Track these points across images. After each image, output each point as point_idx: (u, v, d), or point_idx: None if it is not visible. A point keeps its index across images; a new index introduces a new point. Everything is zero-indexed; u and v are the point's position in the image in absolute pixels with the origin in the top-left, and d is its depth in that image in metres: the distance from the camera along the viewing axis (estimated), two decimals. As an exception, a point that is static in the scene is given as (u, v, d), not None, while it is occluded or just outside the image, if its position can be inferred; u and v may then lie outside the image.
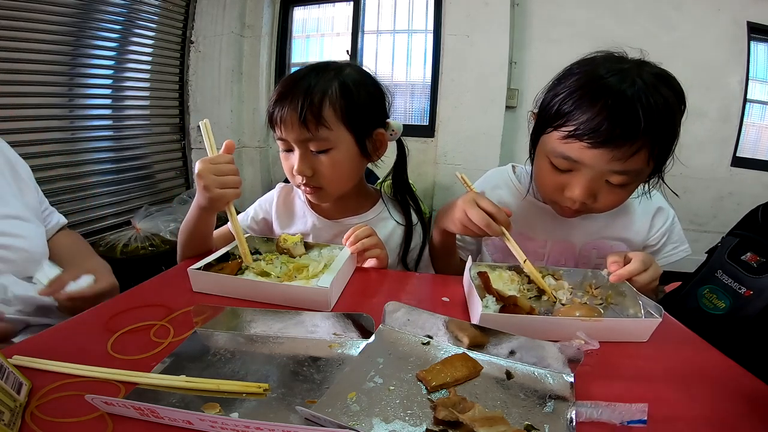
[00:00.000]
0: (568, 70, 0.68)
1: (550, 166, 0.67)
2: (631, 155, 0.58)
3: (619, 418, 0.36)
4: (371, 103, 0.75)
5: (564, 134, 0.61)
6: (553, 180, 0.67)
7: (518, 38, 2.23)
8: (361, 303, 0.60)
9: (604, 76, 0.60)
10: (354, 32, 2.57)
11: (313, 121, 0.68)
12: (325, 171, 0.72)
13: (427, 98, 2.49)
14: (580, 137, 0.59)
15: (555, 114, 0.64)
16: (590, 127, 0.58)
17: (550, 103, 0.66)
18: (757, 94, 2.12)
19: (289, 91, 0.70)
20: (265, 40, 2.58)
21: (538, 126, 0.70)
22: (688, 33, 2.06)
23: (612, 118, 0.57)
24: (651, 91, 0.57)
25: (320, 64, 0.74)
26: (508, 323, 0.49)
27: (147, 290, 0.62)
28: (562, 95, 0.64)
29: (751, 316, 0.76)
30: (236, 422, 0.32)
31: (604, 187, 0.64)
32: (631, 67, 0.61)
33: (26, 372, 0.39)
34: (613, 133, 0.57)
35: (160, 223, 2.02)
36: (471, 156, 2.31)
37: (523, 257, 0.64)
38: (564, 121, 0.62)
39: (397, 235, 0.84)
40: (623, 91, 0.57)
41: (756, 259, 0.81)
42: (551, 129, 0.65)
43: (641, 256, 0.61)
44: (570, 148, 0.62)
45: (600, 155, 0.59)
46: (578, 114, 0.60)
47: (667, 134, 0.60)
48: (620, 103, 0.57)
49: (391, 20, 2.55)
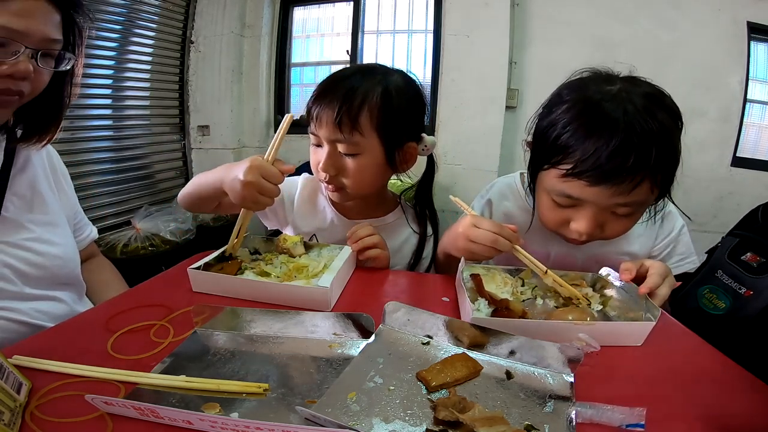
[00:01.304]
0: (558, 96, 0.65)
1: (552, 202, 0.65)
2: (634, 188, 0.57)
3: (618, 420, 0.36)
4: (409, 115, 0.75)
5: (563, 172, 0.59)
6: (557, 216, 0.65)
7: (518, 38, 2.23)
8: (361, 303, 0.60)
9: (596, 102, 0.58)
10: (354, 32, 2.57)
11: (348, 125, 0.69)
12: (349, 173, 0.73)
13: (427, 98, 2.49)
14: (579, 176, 0.57)
15: (551, 149, 0.62)
16: (588, 165, 0.56)
17: (544, 134, 0.64)
18: (757, 94, 2.12)
19: (331, 89, 0.71)
20: (265, 40, 2.58)
21: (535, 160, 0.67)
22: (688, 33, 2.06)
23: (610, 153, 0.55)
24: (646, 118, 0.55)
25: (368, 66, 0.75)
26: (500, 327, 0.49)
27: (147, 290, 0.62)
28: (556, 128, 0.61)
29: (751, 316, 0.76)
30: (236, 422, 0.32)
31: (609, 218, 0.62)
32: (622, 89, 0.59)
33: (26, 372, 0.39)
34: (613, 170, 0.55)
35: (160, 223, 2.02)
36: (471, 156, 2.30)
37: (543, 269, 0.61)
38: (561, 158, 0.60)
39: (411, 242, 0.85)
40: (617, 121, 0.55)
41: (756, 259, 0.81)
42: (549, 166, 0.62)
43: (658, 268, 0.59)
44: (570, 187, 0.60)
45: (602, 192, 0.58)
46: (575, 150, 0.58)
47: (668, 159, 0.58)
48: (617, 138, 0.55)
49: (391, 20, 2.55)
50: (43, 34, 0.54)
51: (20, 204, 0.64)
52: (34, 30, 0.53)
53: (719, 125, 2.10)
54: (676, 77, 2.09)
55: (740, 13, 2.01)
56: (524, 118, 2.50)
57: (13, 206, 0.63)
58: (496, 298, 0.58)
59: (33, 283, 0.62)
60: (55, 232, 0.68)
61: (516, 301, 0.59)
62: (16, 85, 0.54)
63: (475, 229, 0.63)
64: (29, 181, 0.66)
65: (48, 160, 0.72)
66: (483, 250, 0.63)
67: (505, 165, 2.27)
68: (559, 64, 2.18)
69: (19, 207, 0.63)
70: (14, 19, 0.51)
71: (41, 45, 0.54)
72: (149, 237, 1.96)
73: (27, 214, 0.64)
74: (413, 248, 0.84)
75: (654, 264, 0.59)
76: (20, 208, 0.64)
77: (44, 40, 0.55)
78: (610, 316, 0.58)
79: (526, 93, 2.28)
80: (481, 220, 0.64)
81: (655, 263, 0.59)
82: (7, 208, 0.61)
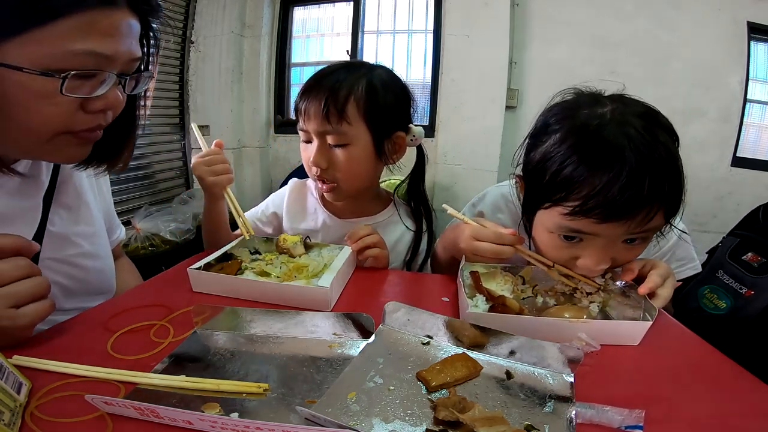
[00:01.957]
0: (546, 125, 0.60)
1: (556, 239, 0.59)
2: (649, 220, 0.53)
3: (617, 422, 0.36)
4: (395, 105, 0.76)
5: (568, 210, 0.54)
6: (562, 254, 0.60)
7: (518, 38, 2.23)
8: (361, 303, 0.60)
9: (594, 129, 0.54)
10: (354, 32, 2.57)
11: (335, 115, 0.70)
12: (340, 165, 0.74)
13: (427, 98, 2.48)
14: (588, 213, 0.52)
15: (550, 186, 0.56)
16: (599, 201, 0.51)
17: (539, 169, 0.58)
18: (757, 94, 2.12)
19: (316, 83, 0.72)
20: (265, 40, 2.58)
21: (531, 197, 0.62)
22: (688, 33, 2.06)
23: (622, 187, 0.50)
24: (651, 142, 0.51)
25: (352, 62, 0.77)
26: (495, 323, 0.49)
27: (147, 290, 0.62)
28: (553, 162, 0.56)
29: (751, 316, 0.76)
30: (236, 422, 0.32)
31: (620, 249, 0.57)
32: (615, 111, 0.55)
33: (26, 372, 0.39)
34: (626, 203, 0.51)
35: (160, 223, 2.02)
36: (471, 156, 2.30)
37: (549, 263, 0.60)
38: (565, 195, 0.55)
39: (405, 239, 0.85)
40: (623, 149, 0.51)
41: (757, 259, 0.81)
42: (550, 204, 0.57)
43: (659, 268, 0.57)
44: (578, 224, 0.55)
45: (614, 227, 0.53)
46: (580, 186, 0.53)
47: (678, 183, 0.54)
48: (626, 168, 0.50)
49: (391, 20, 2.55)
50: (129, 55, 0.46)
51: (67, 216, 0.61)
52: (121, 52, 0.45)
53: (719, 125, 2.10)
54: (676, 77, 2.10)
55: (740, 13, 2.01)
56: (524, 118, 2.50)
57: (60, 219, 0.59)
58: (494, 294, 0.58)
59: (73, 297, 0.60)
60: (99, 244, 0.66)
61: (515, 298, 0.59)
62: (106, 119, 0.48)
63: (476, 243, 0.62)
64: (75, 190, 0.63)
65: None
66: (488, 260, 0.63)
67: (505, 165, 2.27)
68: (559, 64, 2.21)
69: (65, 219, 0.60)
70: (103, 41, 0.43)
71: (126, 67, 0.47)
72: (149, 237, 1.96)
73: (74, 227, 0.62)
74: (408, 245, 0.84)
75: (656, 264, 0.58)
76: (67, 221, 0.61)
77: (129, 60, 0.47)
78: (610, 315, 0.58)
79: (526, 93, 2.28)
80: (480, 231, 0.62)
81: (658, 263, 0.58)
82: (53, 221, 0.58)
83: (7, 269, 0.42)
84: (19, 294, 0.42)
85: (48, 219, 0.57)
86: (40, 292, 0.44)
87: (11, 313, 0.41)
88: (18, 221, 0.53)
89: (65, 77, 0.41)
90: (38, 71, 0.40)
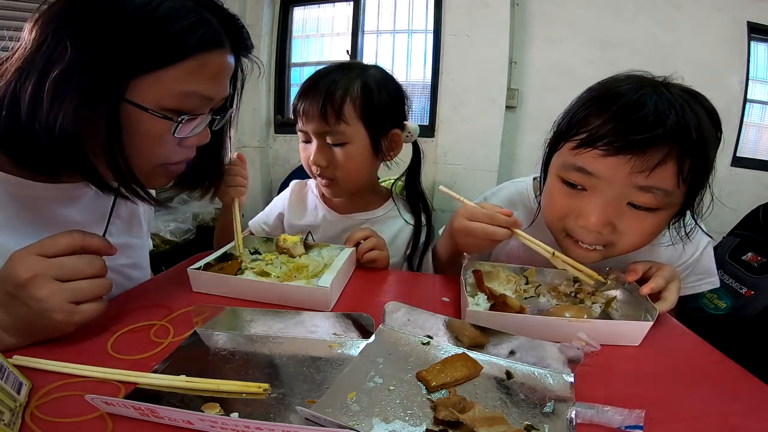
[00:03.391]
0: (588, 89, 0.60)
1: (561, 185, 0.58)
2: (656, 165, 0.49)
3: (617, 422, 0.36)
4: (390, 103, 0.78)
5: (576, 143, 0.53)
6: (564, 203, 0.58)
7: (518, 38, 2.23)
8: (361, 303, 0.60)
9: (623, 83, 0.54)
10: (354, 32, 2.57)
11: (333, 115, 0.72)
12: (339, 164, 0.76)
13: (427, 98, 2.48)
14: (594, 143, 0.51)
15: (566, 127, 0.57)
16: (605, 131, 0.50)
17: (562, 121, 0.59)
18: (757, 94, 2.12)
19: (314, 84, 0.74)
20: (265, 40, 2.58)
21: (551, 146, 0.62)
22: (688, 33, 2.06)
23: (630, 119, 0.49)
24: (678, 100, 0.50)
25: (346, 63, 0.79)
26: (495, 321, 0.49)
27: (147, 290, 0.62)
28: (574, 108, 0.57)
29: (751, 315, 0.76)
30: (236, 422, 0.32)
31: (626, 213, 0.54)
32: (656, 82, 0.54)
33: (26, 372, 0.39)
34: (632, 136, 0.48)
35: (160, 223, 2.02)
36: (471, 156, 2.30)
37: (550, 250, 0.58)
38: (575, 131, 0.54)
39: (404, 234, 0.87)
40: (642, 94, 0.50)
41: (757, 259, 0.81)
42: (563, 142, 0.57)
43: (664, 271, 0.55)
44: (583, 159, 0.53)
45: (618, 164, 0.50)
46: (591, 120, 0.52)
47: (699, 149, 0.50)
48: (639, 104, 0.49)
49: (391, 20, 2.54)
50: (223, 94, 0.48)
51: (122, 227, 0.64)
52: (221, 94, 0.48)
53: (719, 125, 2.10)
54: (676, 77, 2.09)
55: (740, 13, 2.01)
56: (524, 118, 2.49)
57: (116, 230, 0.62)
58: (495, 293, 0.58)
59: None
60: (143, 256, 0.69)
61: (517, 297, 0.59)
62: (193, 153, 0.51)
63: (468, 222, 0.60)
64: (131, 207, 0.66)
65: None
66: (481, 244, 0.60)
67: (505, 165, 2.27)
68: (559, 64, 2.21)
69: (120, 230, 0.63)
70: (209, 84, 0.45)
71: (217, 105, 0.50)
72: (149, 237, 1.96)
73: (127, 237, 0.64)
74: (407, 239, 0.86)
75: (662, 267, 0.57)
76: (122, 232, 0.63)
77: (221, 100, 0.49)
78: (612, 316, 0.58)
79: (526, 93, 2.28)
80: (472, 211, 0.61)
81: (663, 266, 0.57)
82: (110, 232, 0.60)
83: (82, 266, 0.43)
84: (84, 291, 0.43)
85: (107, 229, 0.59)
86: (101, 293, 0.45)
87: (70, 308, 0.42)
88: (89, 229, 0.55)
89: (181, 121, 0.44)
90: (160, 114, 0.43)
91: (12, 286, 0.40)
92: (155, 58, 0.42)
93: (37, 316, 0.41)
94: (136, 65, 0.41)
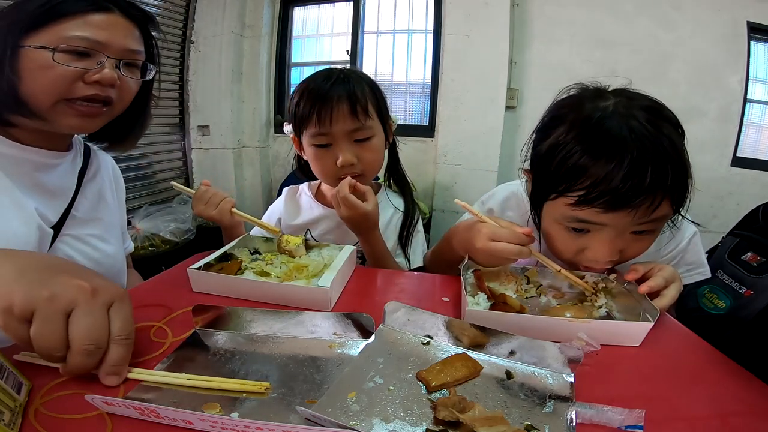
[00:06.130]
0: (552, 119, 0.62)
1: (564, 231, 0.60)
2: (654, 209, 0.53)
3: (617, 422, 0.36)
4: (384, 99, 0.86)
5: (573, 200, 0.55)
6: (571, 246, 0.61)
7: (518, 38, 2.23)
8: (361, 303, 0.60)
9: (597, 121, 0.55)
10: (354, 32, 2.57)
11: (362, 112, 0.78)
12: (367, 157, 0.81)
13: (427, 98, 2.48)
14: (593, 203, 0.53)
15: (556, 177, 0.58)
16: (602, 191, 0.52)
17: (546, 161, 0.60)
18: (757, 94, 2.12)
19: (328, 89, 0.77)
20: (265, 40, 2.58)
21: (538, 189, 0.63)
22: (688, 33, 2.06)
23: (624, 176, 0.51)
24: (654, 134, 0.52)
25: (333, 70, 0.82)
26: (495, 321, 0.49)
27: (147, 290, 0.62)
28: (559, 152, 0.57)
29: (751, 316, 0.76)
30: (236, 422, 0.32)
31: (629, 240, 0.58)
32: (618, 104, 0.56)
33: (26, 371, 0.39)
34: (629, 193, 0.51)
35: (160, 223, 2.02)
36: (471, 156, 2.30)
37: (557, 267, 0.60)
38: (570, 185, 0.56)
39: (395, 220, 0.92)
40: (625, 140, 0.52)
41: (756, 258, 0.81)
42: (556, 195, 0.58)
43: (664, 271, 0.57)
44: (584, 214, 0.56)
45: (620, 216, 0.54)
46: (584, 175, 0.54)
47: (683, 173, 0.54)
48: (628, 158, 0.51)
49: (391, 20, 2.54)
50: (123, 45, 0.59)
51: (88, 206, 0.71)
52: (115, 41, 0.58)
53: (719, 125, 2.10)
54: (676, 77, 2.09)
55: (740, 13, 2.01)
56: (524, 118, 2.49)
57: (83, 207, 0.69)
58: (495, 293, 0.58)
59: None
60: (112, 234, 0.75)
61: (518, 297, 0.59)
62: (104, 91, 0.58)
63: (493, 244, 0.60)
64: (98, 189, 0.74)
65: (114, 173, 0.81)
66: (502, 262, 0.62)
67: (505, 165, 2.27)
68: (559, 64, 2.21)
69: (87, 208, 0.70)
70: (97, 31, 0.56)
71: (123, 55, 0.60)
72: (149, 237, 1.96)
73: (93, 212, 0.71)
74: (398, 224, 0.91)
75: (662, 267, 0.57)
76: (88, 209, 0.70)
77: (125, 50, 0.60)
78: (613, 316, 0.58)
79: (526, 93, 2.28)
80: (497, 232, 0.60)
81: (665, 267, 0.57)
82: (77, 207, 0.68)
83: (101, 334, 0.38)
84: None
85: (75, 200, 0.68)
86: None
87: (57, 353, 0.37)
88: (62, 196, 0.66)
89: (55, 49, 0.54)
90: (38, 46, 0.53)
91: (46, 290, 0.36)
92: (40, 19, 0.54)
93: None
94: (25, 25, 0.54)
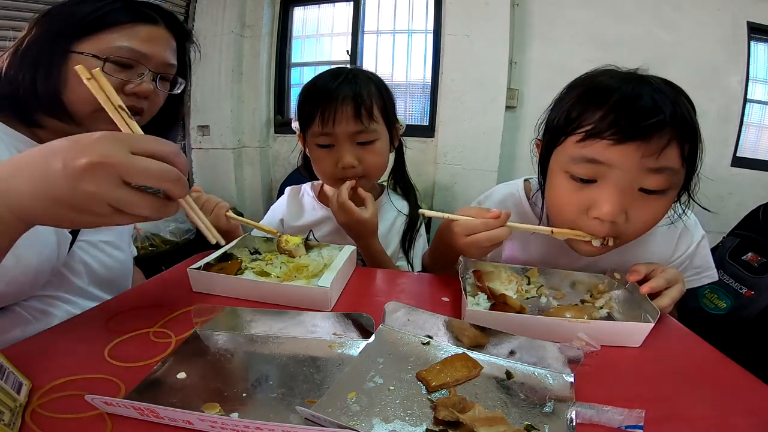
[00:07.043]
0: (568, 87, 0.63)
1: (569, 181, 0.58)
2: (663, 147, 0.51)
3: (617, 422, 0.36)
4: (392, 101, 0.86)
5: (582, 136, 0.54)
6: (574, 199, 0.58)
7: (518, 38, 2.23)
8: (361, 303, 0.60)
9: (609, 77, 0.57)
10: (354, 32, 2.57)
11: (366, 116, 0.76)
12: (370, 160, 0.80)
13: (427, 98, 2.49)
14: (602, 133, 0.52)
15: (565, 122, 0.57)
16: (611, 121, 0.51)
17: (555, 119, 0.60)
18: (757, 94, 2.12)
19: (334, 89, 0.77)
20: (265, 40, 2.58)
21: (547, 145, 0.62)
22: (688, 33, 2.06)
23: (632, 108, 0.51)
24: (667, 82, 0.54)
25: (342, 69, 0.81)
26: (495, 321, 0.49)
27: (147, 290, 0.62)
28: (567, 105, 0.58)
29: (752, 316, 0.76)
30: (236, 422, 0.32)
31: (637, 200, 0.55)
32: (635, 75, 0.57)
33: (26, 372, 0.39)
34: (639, 124, 0.50)
35: (160, 223, 2.02)
36: (471, 156, 2.31)
37: (548, 229, 0.59)
38: (577, 125, 0.55)
39: (398, 223, 0.91)
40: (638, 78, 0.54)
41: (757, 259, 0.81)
42: (564, 138, 0.57)
43: (666, 272, 0.56)
44: (593, 150, 0.53)
45: (629, 151, 0.51)
46: (591, 113, 0.54)
47: (693, 132, 0.54)
48: (637, 94, 0.52)
49: (391, 20, 2.55)
50: (163, 59, 0.62)
51: None
52: (157, 54, 0.60)
53: (719, 125, 2.10)
54: (676, 77, 2.08)
55: (740, 13, 2.01)
56: (524, 118, 2.49)
57: None
58: (495, 293, 0.58)
59: (96, 283, 0.68)
60: (123, 240, 0.76)
61: (519, 298, 0.59)
62: (139, 103, 0.61)
63: (470, 238, 0.59)
64: None
65: None
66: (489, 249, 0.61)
67: (505, 165, 2.27)
68: (559, 64, 2.21)
69: None
70: (142, 43, 0.59)
71: (161, 69, 0.62)
72: (149, 237, 1.96)
73: None
74: (401, 228, 0.91)
75: (665, 269, 0.57)
76: None
77: (164, 64, 0.62)
78: (614, 316, 0.58)
79: (526, 93, 2.28)
80: (468, 225, 0.59)
81: (666, 269, 0.57)
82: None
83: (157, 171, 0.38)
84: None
85: None
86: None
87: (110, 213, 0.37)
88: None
89: (106, 59, 0.56)
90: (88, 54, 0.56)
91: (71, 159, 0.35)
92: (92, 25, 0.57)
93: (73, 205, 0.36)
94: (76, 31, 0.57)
